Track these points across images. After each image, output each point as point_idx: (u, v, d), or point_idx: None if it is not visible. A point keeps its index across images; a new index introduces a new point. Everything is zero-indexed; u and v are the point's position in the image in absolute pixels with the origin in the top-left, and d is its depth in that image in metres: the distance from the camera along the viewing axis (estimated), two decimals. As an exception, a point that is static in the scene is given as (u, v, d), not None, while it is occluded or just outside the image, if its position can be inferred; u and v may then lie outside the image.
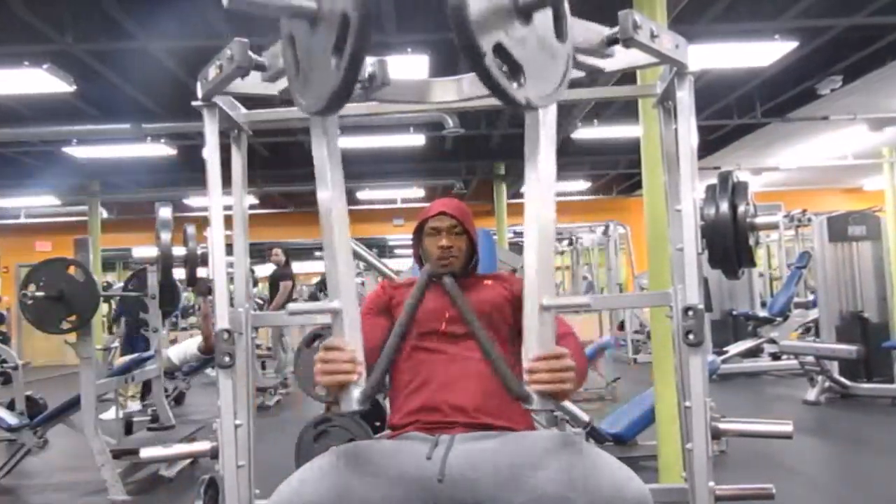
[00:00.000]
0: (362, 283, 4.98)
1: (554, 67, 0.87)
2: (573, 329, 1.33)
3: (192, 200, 8.88)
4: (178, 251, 1.91)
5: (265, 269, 9.45)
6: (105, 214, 9.34)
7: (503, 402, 1.24)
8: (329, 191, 1.06)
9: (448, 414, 1.22)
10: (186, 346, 5.00)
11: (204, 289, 3.99)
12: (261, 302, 6.54)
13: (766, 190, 9.61)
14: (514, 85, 0.79)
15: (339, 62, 0.79)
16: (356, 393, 1.02)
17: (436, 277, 1.36)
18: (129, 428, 3.80)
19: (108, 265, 9.82)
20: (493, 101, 1.35)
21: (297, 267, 7.13)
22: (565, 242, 8.36)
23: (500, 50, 0.78)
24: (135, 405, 4.58)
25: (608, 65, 1.21)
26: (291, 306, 1.05)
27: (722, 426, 1.32)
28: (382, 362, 1.14)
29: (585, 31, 1.06)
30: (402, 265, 3.77)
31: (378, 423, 2.01)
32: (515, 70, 0.79)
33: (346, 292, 1.04)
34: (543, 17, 0.86)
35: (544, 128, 1.08)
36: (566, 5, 0.90)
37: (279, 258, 6.11)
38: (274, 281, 6.11)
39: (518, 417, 1.26)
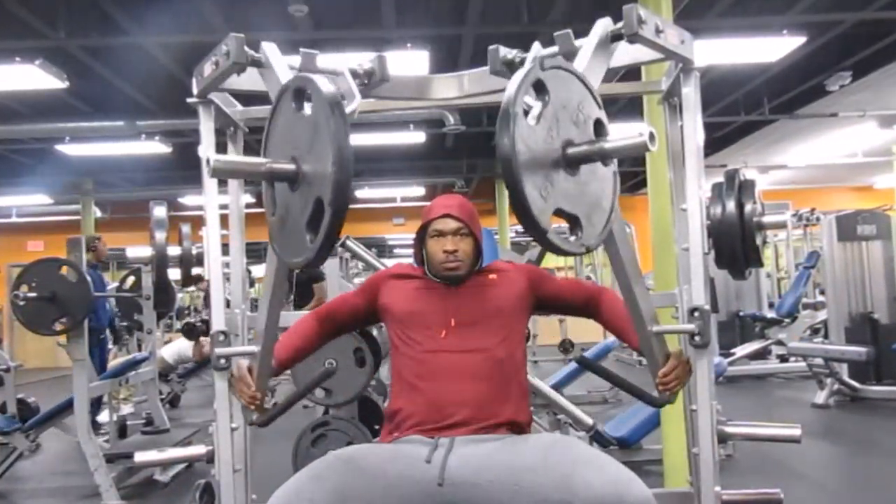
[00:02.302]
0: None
1: (603, 208, 0.91)
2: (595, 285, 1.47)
3: (188, 199, 8.80)
4: (174, 251, 1.89)
5: (262, 270, 9.38)
6: (98, 213, 9.27)
7: (506, 400, 1.24)
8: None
9: (450, 413, 1.21)
10: (180, 346, 4.94)
11: (195, 334, 3.85)
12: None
13: (773, 188, 9.54)
14: (573, 238, 0.84)
15: (314, 239, 0.81)
16: (254, 416, 1.27)
17: (443, 281, 1.34)
18: (122, 431, 3.76)
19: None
20: (495, 98, 1.32)
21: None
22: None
23: (560, 211, 0.84)
24: (127, 408, 4.53)
25: (613, 61, 1.18)
26: (219, 350, 1.22)
27: (728, 429, 1.30)
28: (282, 406, 1.29)
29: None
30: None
31: (377, 427, 1.99)
32: (574, 224, 0.85)
33: (265, 340, 1.18)
34: (590, 172, 0.91)
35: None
36: (615, 170, 0.95)
37: None
38: (305, 282, 5.02)
39: (520, 415, 1.26)
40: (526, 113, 0.83)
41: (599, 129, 0.94)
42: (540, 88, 0.86)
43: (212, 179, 1.32)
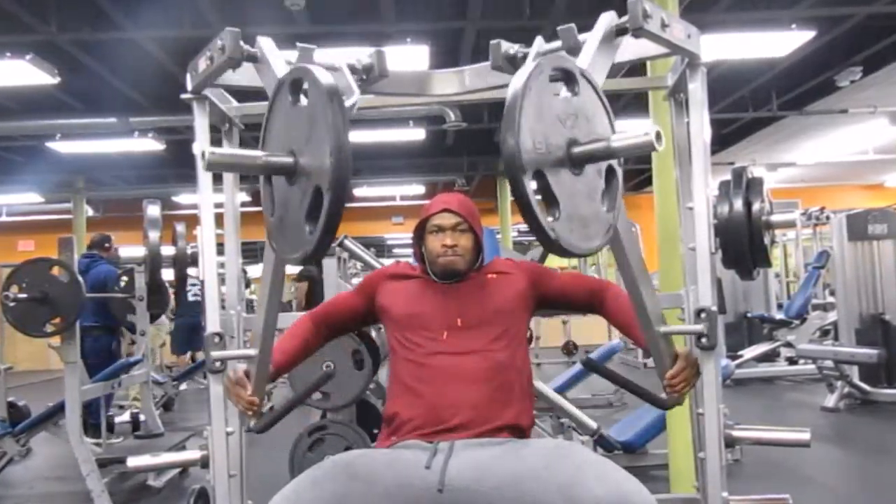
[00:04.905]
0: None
1: (594, 220, 0.90)
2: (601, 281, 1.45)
3: (182, 198, 8.75)
4: (167, 251, 1.87)
5: (258, 270, 9.35)
6: (90, 212, 9.24)
7: (507, 403, 1.23)
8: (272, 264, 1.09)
9: (450, 416, 1.19)
10: None
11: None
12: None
13: (782, 186, 9.47)
14: (549, 219, 0.82)
15: (313, 230, 0.81)
16: (252, 422, 1.26)
17: (442, 280, 1.32)
18: (111, 428, 3.69)
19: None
20: (497, 94, 1.29)
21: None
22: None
23: (540, 177, 0.81)
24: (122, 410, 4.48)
25: (617, 56, 1.15)
26: (215, 354, 1.20)
27: (736, 434, 1.28)
28: (281, 411, 1.27)
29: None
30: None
31: (376, 431, 1.97)
32: (551, 202, 0.83)
33: (263, 343, 1.16)
34: (595, 175, 0.89)
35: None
36: (619, 175, 0.93)
37: None
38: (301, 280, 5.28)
39: (522, 419, 1.24)
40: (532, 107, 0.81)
41: (605, 127, 0.92)
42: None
43: (207, 178, 1.30)
